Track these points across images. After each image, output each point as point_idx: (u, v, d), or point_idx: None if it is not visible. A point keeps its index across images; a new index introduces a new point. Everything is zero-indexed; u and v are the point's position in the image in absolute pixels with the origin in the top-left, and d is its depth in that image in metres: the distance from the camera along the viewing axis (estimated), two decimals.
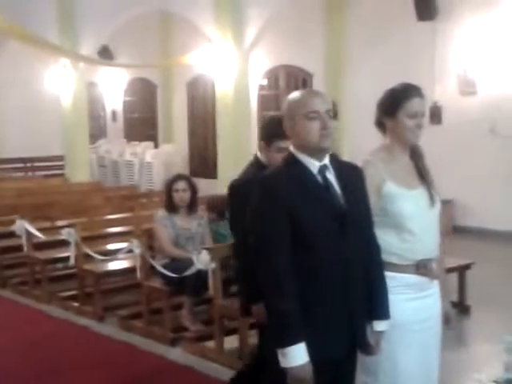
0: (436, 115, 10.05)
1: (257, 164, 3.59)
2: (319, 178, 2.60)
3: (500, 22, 9.40)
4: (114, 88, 17.24)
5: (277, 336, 2.51)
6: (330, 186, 2.61)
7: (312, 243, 2.53)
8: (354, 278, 2.60)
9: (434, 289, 2.99)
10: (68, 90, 13.39)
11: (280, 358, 2.49)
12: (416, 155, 3.01)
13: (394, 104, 2.91)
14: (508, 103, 9.19)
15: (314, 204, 2.54)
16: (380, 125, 3.01)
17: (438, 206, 3.00)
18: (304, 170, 2.60)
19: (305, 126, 2.57)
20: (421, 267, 2.90)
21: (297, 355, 2.46)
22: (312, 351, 2.50)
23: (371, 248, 2.74)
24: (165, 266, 5.60)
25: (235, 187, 3.36)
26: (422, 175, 2.99)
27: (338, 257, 2.55)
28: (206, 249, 5.32)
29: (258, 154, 3.60)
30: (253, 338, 4.95)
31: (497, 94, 9.67)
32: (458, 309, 5.84)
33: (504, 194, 9.30)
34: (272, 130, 3.49)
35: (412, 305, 2.89)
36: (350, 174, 2.71)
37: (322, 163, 2.61)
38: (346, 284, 2.57)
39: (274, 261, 2.52)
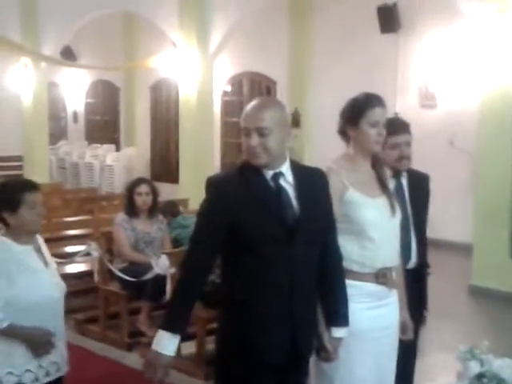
0: None
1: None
2: (271, 184, 2.61)
3: (461, 36, 9.58)
4: (75, 89, 17.05)
5: (164, 318, 2.65)
6: (283, 193, 2.61)
7: (257, 248, 2.55)
8: (301, 285, 2.61)
9: (392, 298, 3.02)
10: (28, 89, 13.20)
11: (155, 338, 2.59)
12: (377, 164, 3.05)
13: (356, 113, 2.94)
14: (467, 117, 9.35)
15: (260, 209, 2.55)
16: (343, 133, 3.04)
17: (398, 215, 3.03)
18: (257, 174, 2.61)
19: (243, 141, 2.61)
20: (380, 276, 2.93)
21: (162, 342, 2.56)
22: (252, 352, 2.57)
23: (332, 255, 2.76)
24: (123, 270, 5.55)
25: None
26: (384, 184, 3.02)
27: (284, 263, 2.57)
28: (166, 253, 5.30)
29: None
30: (210, 345, 4.93)
31: (456, 107, 9.87)
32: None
33: (462, 206, 9.46)
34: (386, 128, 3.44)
35: (370, 313, 2.91)
36: (312, 180, 2.71)
37: (276, 170, 2.62)
38: (291, 290, 2.58)
39: (193, 253, 2.63)
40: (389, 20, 10.37)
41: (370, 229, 2.88)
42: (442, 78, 10.09)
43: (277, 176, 2.62)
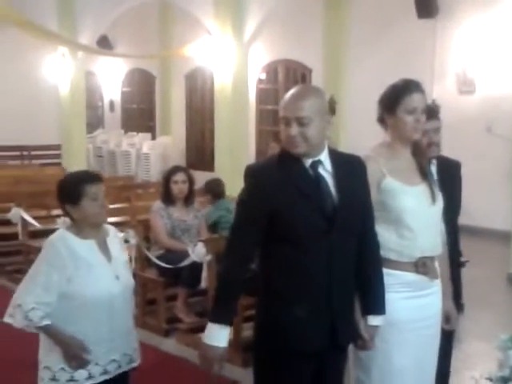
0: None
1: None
2: (311, 173, 2.60)
3: (500, 21, 9.41)
4: (112, 78, 17.20)
5: (212, 310, 2.64)
6: (321, 181, 2.60)
7: (296, 238, 2.54)
8: (340, 274, 2.60)
9: (434, 288, 2.96)
10: (66, 79, 13.35)
11: (205, 331, 2.59)
12: (418, 152, 3.01)
13: (393, 100, 2.90)
14: (506, 103, 9.20)
15: (300, 198, 2.54)
16: (382, 121, 3.01)
17: (439, 204, 2.98)
18: (295, 163, 2.60)
19: (282, 130, 2.58)
20: (420, 265, 2.89)
21: (213, 334, 2.57)
22: (290, 341, 2.57)
23: (369, 243, 2.74)
24: (160, 257, 5.61)
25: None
26: (424, 172, 2.98)
27: (322, 253, 2.56)
28: (202, 241, 5.33)
29: None
30: (247, 331, 4.96)
31: (495, 93, 9.69)
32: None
33: (501, 193, 9.33)
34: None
35: (409, 303, 2.87)
36: (350, 167, 2.69)
37: (315, 158, 2.61)
38: (329, 281, 2.58)
39: (235, 244, 2.62)
40: (426, 5, 10.22)
41: (408, 217, 2.84)
42: (480, 64, 9.91)
43: (315, 164, 2.60)
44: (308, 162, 2.60)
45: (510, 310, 6.66)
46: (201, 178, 9.41)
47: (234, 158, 10.35)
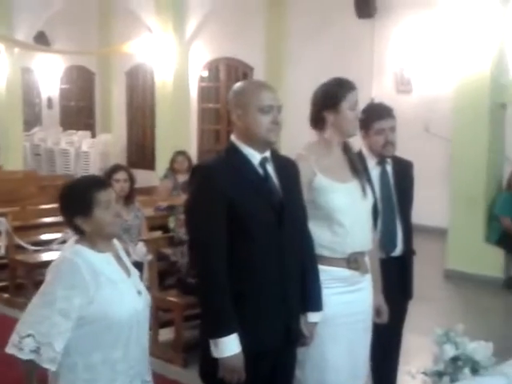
0: None
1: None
2: (259, 170, 2.62)
3: (437, 22, 9.61)
4: (50, 75, 16.85)
5: (210, 327, 2.54)
6: (269, 178, 2.63)
7: (250, 234, 2.55)
8: (290, 270, 2.63)
9: (365, 283, 3.02)
10: (2, 75, 13.02)
11: (212, 348, 2.52)
12: (348, 149, 3.05)
13: (336, 96, 2.93)
14: (442, 103, 9.40)
15: (253, 195, 2.56)
16: (316, 121, 3.02)
17: (370, 199, 3.04)
18: (244, 160, 2.61)
19: (256, 118, 2.59)
20: (351, 261, 2.94)
21: (228, 346, 2.50)
22: (247, 342, 2.53)
23: (306, 240, 2.78)
24: None
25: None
26: (355, 168, 3.02)
27: (275, 248, 2.58)
28: (143, 241, 5.28)
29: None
30: (188, 331, 4.94)
31: (431, 93, 9.92)
32: None
33: (438, 192, 9.53)
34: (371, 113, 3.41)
35: (342, 299, 2.92)
36: (287, 168, 2.74)
37: (263, 155, 2.63)
38: (281, 275, 2.60)
39: (210, 253, 2.53)
40: (365, 5, 10.37)
41: (340, 214, 2.88)
42: (417, 64, 10.13)
43: (264, 161, 2.63)
44: (257, 159, 2.62)
45: (446, 305, 6.83)
46: (142, 176, 9.33)
47: None
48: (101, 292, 2.41)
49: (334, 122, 2.96)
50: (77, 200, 2.48)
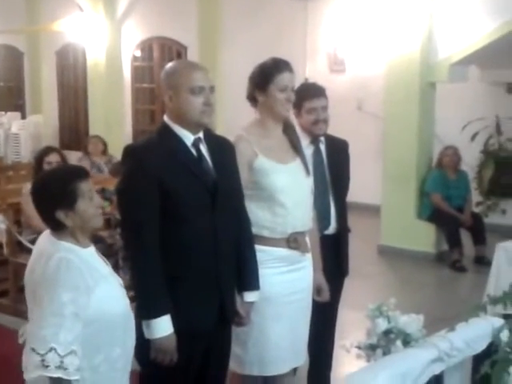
0: None
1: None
2: (193, 151, 2.61)
3: (368, 2, 9.73)
4: None
5: (142, 308, 2.54)
6: (203, 159, 2.63)
7: (183, 215, 2.55)
8: (224, 251, 2.64)
9: (305, 262, 3.07)
10: None
11: (144, 329, 2.52)
12: (288, 129, 3.08)
13: (265, 78, 2.95)
14: (374, 82, 9.54)
15: (186, 176, 2.55)
16: (252, 99, 3.05)
17: (310, 178, 3.09)
18: (177, 141, 2.60)
19: (188, 99, 2.57)
20: (291, 241, 2.98)
21: (160, 327, 2.51)
22: (181, 323, 2.54)
23: (241, 221, 2.79)
24: (33, 242, 5.41)
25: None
26: (296, 148, 3.06)
27: (208, 229, 2.59)
28: None
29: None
30: None
31: (364, 73, 10.07)
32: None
33: (372, 170, 9.71)
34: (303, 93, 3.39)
35: (282, 278, 2.96)
36: (222, 148, 2.74)
37: (196, 136, 2.62)
38: (215, 257, 2.61)
39: (142, 234, 2.52)
40: None
41: (281, 195, 2.91)
42: (350, 44, 10.25)
43: (197, 141, 2.62)
44: (190, 140, 2.61)
45: (379, 280, 7.01)
46: (75, 158, 9.16)
47: (110, 137, 10.09)
48: (97, 289, 2.26)
49: (264, 102, 2.98)
50: (57, 192, 2.27)
